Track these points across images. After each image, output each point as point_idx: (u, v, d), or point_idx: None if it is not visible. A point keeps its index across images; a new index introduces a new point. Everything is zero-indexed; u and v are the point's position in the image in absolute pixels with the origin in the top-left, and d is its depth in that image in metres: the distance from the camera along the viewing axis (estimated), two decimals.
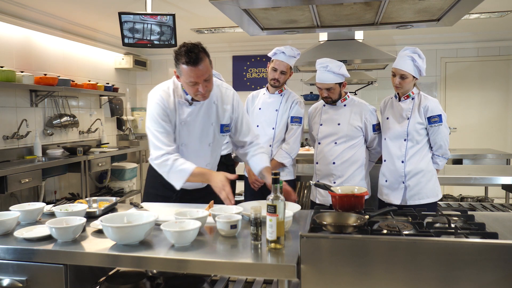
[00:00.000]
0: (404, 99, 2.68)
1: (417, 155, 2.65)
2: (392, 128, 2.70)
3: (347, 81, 4.95)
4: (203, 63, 1.97)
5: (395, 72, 2.62)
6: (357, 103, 2.83)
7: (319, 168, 2.85)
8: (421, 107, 2.62)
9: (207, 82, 2.03)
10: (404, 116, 2.66)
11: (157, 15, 3.91)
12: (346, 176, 2.74)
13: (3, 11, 4.11)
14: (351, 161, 2.75)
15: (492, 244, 1.32)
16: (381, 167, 2.81)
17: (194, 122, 2.19)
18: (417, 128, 2.62)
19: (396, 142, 2.68)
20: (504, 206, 3.85)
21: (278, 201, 1.50)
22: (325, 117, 2.84)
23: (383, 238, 1.39)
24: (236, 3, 2.04)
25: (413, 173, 2.64)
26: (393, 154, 2.69)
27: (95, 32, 5.52)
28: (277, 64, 2.93)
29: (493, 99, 6.14)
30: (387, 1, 2.11)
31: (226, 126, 2.29)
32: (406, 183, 2.65)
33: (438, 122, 2.61)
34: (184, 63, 1.96)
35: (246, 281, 1.88)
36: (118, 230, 1.54)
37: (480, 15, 4.81)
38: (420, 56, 2.58)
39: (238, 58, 6.73)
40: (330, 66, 2.63)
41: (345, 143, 2.75)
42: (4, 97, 4.21)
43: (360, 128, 2.77)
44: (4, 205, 4.03)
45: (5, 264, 1.59)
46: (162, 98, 2.14)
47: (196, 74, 1.97)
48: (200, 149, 2.25)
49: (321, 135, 2.83)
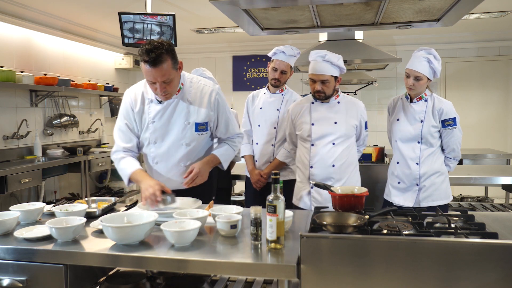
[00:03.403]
0: (417, 101, 2.61)
1: (431, 157, 2.60)
2: (404, 130, 2.63)
3: (347, 81, 4.97)
4: (162, 65, 1.93)
5: (410, 73, 2.53)
6: (350, 100, 2.65)
7: (315, 173, 2.55)
8: (436, 110, 2.56)
9: (166, 84, 2.01)
10: (417, 119, 2.59)
11: (157, 15, 3.91)
12: (344, 179, 2.54)
13: (3, 11, 4.11)
14: (349, 162, 2.57)
15: (492, 244, 1.32)
16: (391, 168, 2.76)
17: (163, 120, 2.18)
18: (432, 131, 2.56)
19: (409, 144, 2.62)
20: (504, 206, 3.85)
21: (278, 201, 1.50)
22: (317, 115, 2.60)
23: (383, 238, 1.39)
24: (236, 3, 2.04)
25: (428, 175, 2.59)
26: (407, 156, 2.62)
27: (95, 32, 5.52)
28: (277, 64, 2.91)
29: (493, 99, 6.14)
30: (387, 1, 2.11)
31: (201, 125, 2.20)
32: (421, 185, 2.60)
33: (453, 125, 2.55)
34: (143, 61, 1.94)
35: (246, 281, 1.88)
36: (118, 230, 1.54)
37: (480, 15, 4.81)
38: (436, 58, 2.50)
39: (238, 58, 6.73)
40: (328, 56, 2.47)
41: (343, 143, 2.55)
42: (4, 97, 4.20)
43: (356, 126, 2.61)
44: (4, 205, 4.03)
45: (5, 264, 1.59)
46: (130, 97, 2.20)
47: (153, 75, 1.95)
48: (174, 149, 2.21)
49: (315, 135, 2.57)
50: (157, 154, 2.23)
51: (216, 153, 2.28)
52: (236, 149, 2.40)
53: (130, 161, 2.17)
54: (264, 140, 3.05)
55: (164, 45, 1.96)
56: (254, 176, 3.02)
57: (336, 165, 2.53)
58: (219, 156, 2.27)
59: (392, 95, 6.38)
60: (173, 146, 2.20)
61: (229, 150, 2.34)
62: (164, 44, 1.96)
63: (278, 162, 2.93)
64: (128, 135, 2.22)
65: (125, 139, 2.22)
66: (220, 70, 6.80)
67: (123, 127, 2.22)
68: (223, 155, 2.29)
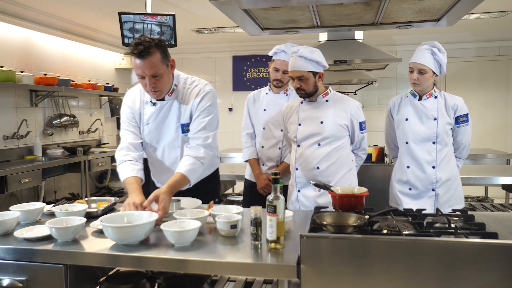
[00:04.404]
0: (427, 98, 2.46)
1: (446, 158, 2.45)
2: (416, 130, 2.45)
3: (347, 81, 4.96)
4: (150, 57, 1.90)
5: (413, 67, 2.40)
6: (341, 98, 2.47)
7: (300, 175, 2.44)
8: (449, 106, 2.43)
9: (155, 79, 1.97)
10: (429, 116, 2.43)
11: (157, 15, 3.91)
12: (333, 182, 2.36)
13: (3, 11, 4.11)
14: (338, 164, 2.40)
15: (492, 244, 1.32)
16: (397, 175, 2.57)
17: (157, 122, 2.15)
18: (446, 128, 2.43)
19: (423, 145, 2.44)
20: (504, 206, 3.84)
21: (278, 201, 1.50)
22: (304, 115, 2.45)
23: (383, 238, 1.39)
24: (236, 3, 2.04)
25: (445, 179, 2.43)
26: (421, 159, 2.44)
27: (95, 32, 5.52)
28: (278, 64, 2.78)
29: (493, 99, 6.14)
30: (387, 1, 2.11)
31: (186, 125, 2.14)
32: (437, 190, 2.43)
33: (466, 122, 2.45)
34: (131, 53, 1.93)
35: (246, 281, 1.88)
36: (118, 230, 1.54)
37: (480, 15, 4.81)
38: (440, 50, 2.36)
39: (238, 58, 6.73)
40: (301, 51, 2.29)
41: (330, 144, 2.39)
42: (4, 97, 4.21)
43: (346, 126, 2.41)
44: (4, 205, 4.03)
45: (5, 264, 1.59)
46: (130, 99, 2.20)
47: (141, 67, 1.92)
48: (168, 152, 2.18)
49: (300, 136, 2.44)
50: (153, 156, 2.23)
51: (184, 172, 1.99)
52: (204, 162, 2.09)
53: (126, 167, 2.07)
54: (270, 144, 2.89)
55: (154, 40, 1.95)
56: (261, 181, 2.86)
57: (322, 167, 2.39)
58: (187, 175, 2.00)
59: (392, 95, 6.38)
60: (167, 148, 2.18)
61: (196, 164, 2.04)
62: (155, 39, 1.95)
63: (286, 165, 2.78)
64: (132, 135, 2.18)
65: (131, 137, 2.18)
66: (220, 70, 6.80)
67: (126, 127, 2.20)
68: (192, 173, 2.02)
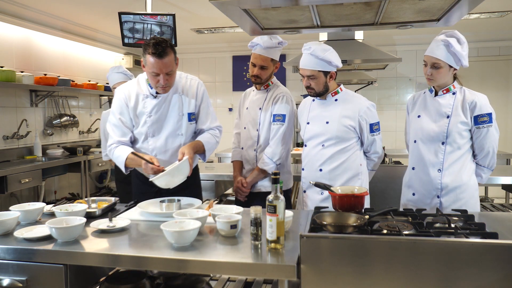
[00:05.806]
0: (443, 93, 2.20)
1: (457, 163, 2.17)
2: (426, 128, 2.22)
3: (347, 81, 4.97)
4: (167, 57, 2.13)
5: (427, 61, 2.18)
6: (351, 97, 2.36)
7: (305, 176, 2.40)
8: (466, 103, 2.14)
9: (168, 76, 2.17)
10: (442, 114, 2.18)
11: (157, 15, 3.91)
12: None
13: (3, 11, 4.11)
14: (342, 168, 2.29)
15: (492, 244, 1.32)
16: (406, 176, 2.37)
17: (161, 114, 2.29)
18: (460, 129, 2.14)
19: (431, 145, 2.20)
20: (504, 206, 3.84)
21: (278, 201, 1.50)
22: (313, 114, 2.39)
23: (383, 238, 1.39)
24: (236, 3, 2.04)
25: (452, 187, 2.16)
26: (426, 161, 2.21)
27: (95, 32, 5.52)
28: (254, 58, 2.54)
29: (493, 99, 6.07)
30: (387, 1, 2.11)
31: (192, 114, 2.37)
32: (442, 199, 2.17)
33: (488, 122, 2.13)
34: (150, 53, 2.10)
35: (246, 281, 1.88)
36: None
37: (480, 15, 4.81)
38: (459, 41, 2.11)
39: (238, 58, 6.73)
40: (313, 49, 2.21)
41: (334, 146, 2.29)
42: (4, 97, 4.21)
43: (352, 128, 2.29)
44: (4, 205, 4.03)
45: (5, 264, 1.59)
46: (124, 94, 2.31)
47: (159, 66, 2.12)
48: (171, 140, 2.32)
49: (307, 135, 2.39)
50: (156, 146, 2.32)
51: (201, 140, 2.31)
52: (218, 139, 2.41)
53: (123, 148, 2.26)
54: (248, 144, 2.68)
55: (168, 41, 2.17)
56: (234, 184, 2.63)
57: (324, 170, 2.31)
58: (204, 143, 2.30)
59: (392, 95, 6.42)
60: (170, 137, 2.32)
61: (212, 139, 2.37)
62: (167, 40, 2.18)
63: (258, 170, 2.56)
64: (122, 129, 2.31)
65: (120, 134, 2.31)
66: (220, 70, 6.80)
67: (117, 122, 2.31)
68: (207, 143, 2.32)
